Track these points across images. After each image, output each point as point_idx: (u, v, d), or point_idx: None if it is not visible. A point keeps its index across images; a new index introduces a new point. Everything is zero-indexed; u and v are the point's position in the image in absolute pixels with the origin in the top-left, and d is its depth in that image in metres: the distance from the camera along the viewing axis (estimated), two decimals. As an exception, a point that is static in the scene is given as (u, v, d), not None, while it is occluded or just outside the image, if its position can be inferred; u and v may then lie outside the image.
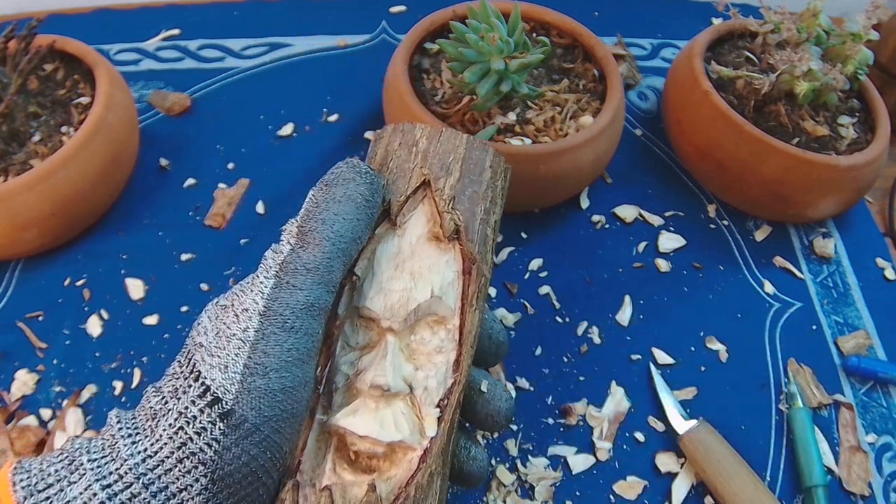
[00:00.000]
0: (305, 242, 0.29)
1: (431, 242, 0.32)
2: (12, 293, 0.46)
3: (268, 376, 0.26)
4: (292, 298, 0.27)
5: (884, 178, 0.58)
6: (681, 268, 0.51)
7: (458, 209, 0.33)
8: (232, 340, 0.27)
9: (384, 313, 0.30)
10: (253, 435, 0.25)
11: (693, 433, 0.42)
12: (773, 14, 0.52)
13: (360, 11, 0.66)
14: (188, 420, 0.25)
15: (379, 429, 0.29)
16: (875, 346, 0.49)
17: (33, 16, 0.47)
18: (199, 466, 0.25)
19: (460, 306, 0.32)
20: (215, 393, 0.25)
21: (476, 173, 0.34)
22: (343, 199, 0.30)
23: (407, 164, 0.33)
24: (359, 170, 0.31)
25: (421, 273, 0.31)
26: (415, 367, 0.31)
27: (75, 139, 0.44)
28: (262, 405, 0.26)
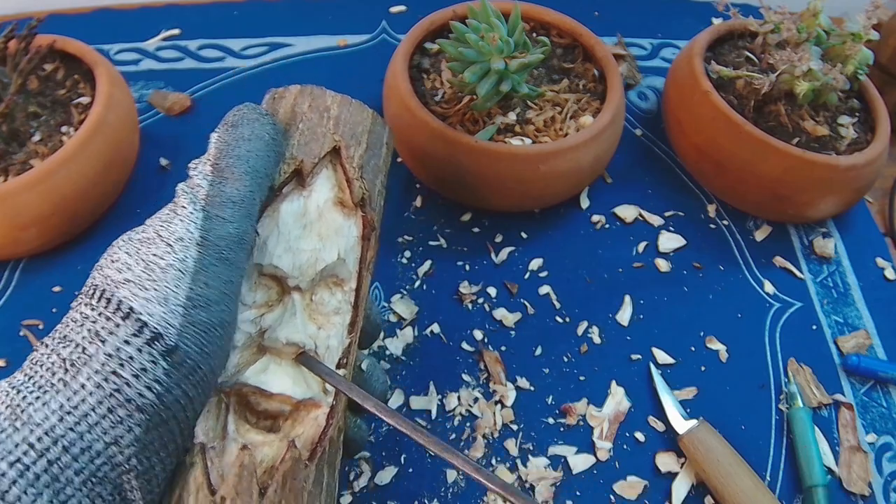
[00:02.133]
0: (224, 178, 0.28)
1: (337, 207, 0.33)
2: (12, 293, 0.46)
3: (209, 308, 0.25)
4: (224, 230, 0.26)
5: (884, 178, 0.58)
6: (681, 268, 0.51)
7: (365, 179, 0.34)
8: (168, 272, 0.24)
9: (293, 272, 0.31)
10: (194, 373, 0.24)
11: (693, 433, 0.42)
12: (773, 14, 0.52)
13: (360, 11, 0.66)
14: (122, 362, 0.22)
15: (292, 386, 0.29)
16: (875, 346, 0.49)
17: (33, 16, 0.47)
18: (134, 414, 0.22)
19: (358, 270, 0.33)
20: (156, 328, 0.23)
21: (377, 147, 0.36)
22: (252, 137, 0.30)
23: (319, 128, 0.34)
24: (260, 111, 0.32)
25: (328, 235, 0.32)
26: (317, 327, 0.31)
27: (75, 139, 0.44)
28: (203, 340, 0.24)
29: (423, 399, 0.44)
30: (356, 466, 0.41)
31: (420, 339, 0.46)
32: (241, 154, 0.29)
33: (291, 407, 0.29)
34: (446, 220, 0.52)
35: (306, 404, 0.29)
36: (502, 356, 0.46)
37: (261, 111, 0.32)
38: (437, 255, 0.50)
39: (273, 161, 0.31)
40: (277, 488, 0.26)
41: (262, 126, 0.31)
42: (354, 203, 0.34)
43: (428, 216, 0.52)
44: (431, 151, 0.47)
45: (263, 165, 0.30)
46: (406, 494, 0.40)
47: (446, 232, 0.51)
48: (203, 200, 0.27)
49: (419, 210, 0.52)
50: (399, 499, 0.40)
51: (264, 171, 0.30)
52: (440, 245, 0.51)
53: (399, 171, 0.54)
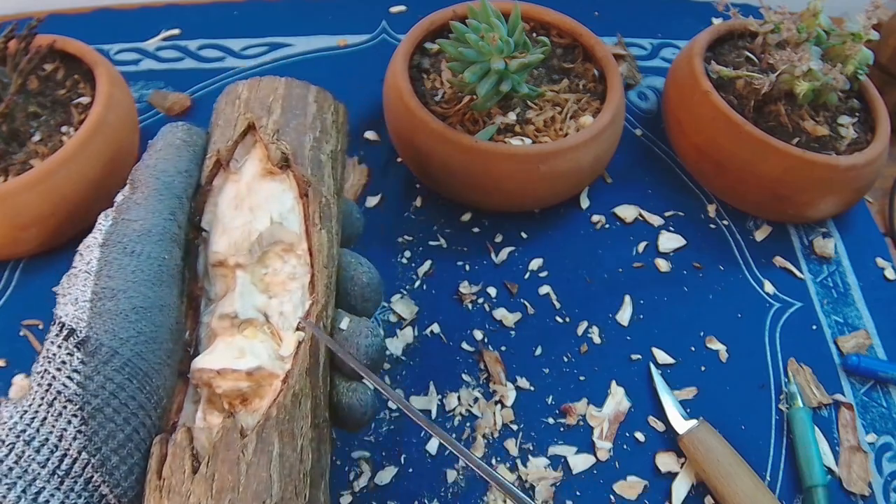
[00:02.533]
0: (135, 189, 0.31)
1: (266, 177, 0.33)
2: (12, 293, 0.46)
3: (116, 298, 0.27)
4: (128, 228, 0.29)
5: (884, 178, 0.58)
6: (681, 268, 0.51)
7: (283, 140, 0.34)
8: (79, 276, 0.28)
9: (229, 251, 0.31)
10: (113, 359, 0.25)
11: (693, 433, 0.42)
12: (773, 14, 0.52)
13: (360, 11, 0.66)
14: (49, 359, 0.25)
15: (234, 358, 0.29)
16: (875, 346, 0.49)
17: (33, 16, 0.47)
18: (67, 405, 0.24)
19: (305, 229, 0.32)
20: (70, 325, 0.26)
21: (299, 108, 0.36)
22: (163, 146, 0.33)
23: (232, 115, 0.35)
24: (175, 125, 0.35)
25: (259, 205, 0.32)
26: (269, 297, 0.31)
27: (75, 139, 0.44)
28: (115, 327, 0.26)
29: (423, 399, 0.44)
30: (356, 466, 0.41)
31: (420, 339, 0.46)
32: (149, 163, 0.32)
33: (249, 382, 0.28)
34: (446, 220, 0.52)
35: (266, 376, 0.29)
36: (502, 356, 0.46)
37: (176, 124, 0.35)
38: (437, 255, 0.50)
39: (186, 159, 0.33)
40: (209, 461, 0.25)
41: (173, 134, 0.34)
42: (276, 164, 0.33)
43: (428, 216, 0.52)
44: (431, 151, 0.47)
45: (173, 165, 0.32)
46: (406, 494, 0.40)
47: (446, 232, 0.51)
48: (114, 212, 0.30)
49: (419, 210, 0.52)
50: (399, 499, 0.40)
51: (174, 170, 0.32)
52: (440, 245, 0.51)
53: (399, 171, 0.54)
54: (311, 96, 0.37)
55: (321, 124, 0.36)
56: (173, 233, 0.30)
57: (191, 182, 0.33)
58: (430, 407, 0.43)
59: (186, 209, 0.32)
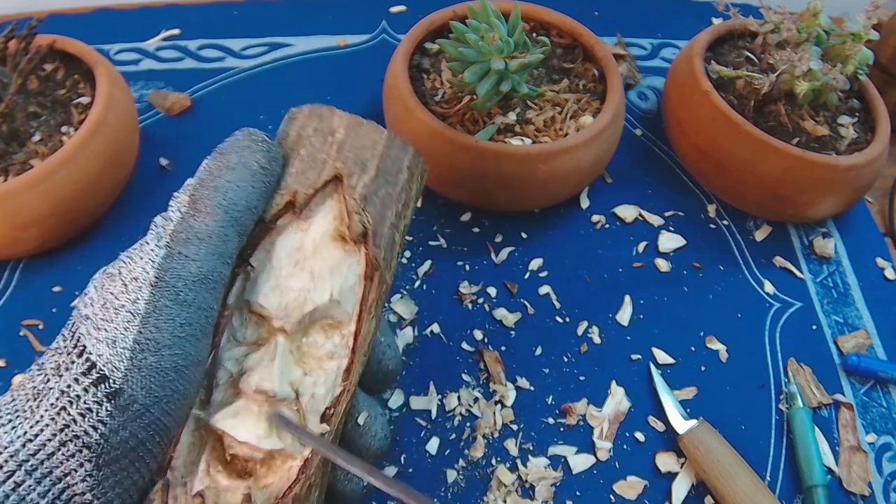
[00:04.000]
0: (197, 210, 0.27)
1: (336, 242, 0.30)
2: (12, 293, 0.46)
3: (160, 353, 0.24)
4: (185, 269, 0.25)
5: (884, 178, 0.58)
6: (681, 268, 0.51)
7: (368, 210, 0.31)
8: (120, 312, 0.24)
9: (278, 312, 0.29)
10: (142, 417, 0.24)
11: (693, 433, 0.42)
12: (773, 14, 0.52)
13: (360, 11, 0.66)
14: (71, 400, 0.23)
15: (259, 435, 0.27)
16: (875, 346, 0.49)
17: (33, 16, 0.47)
18: (83, 450, 0.23)
19: (358, 312, 0.30)
20: (102, 370, 0.23)
21: (392, 173, 0.32)
22: (237, 166, 0.28)
23: (320, 154, 0.31)
24: (254, 137, 0.30)
25: (321, 274, 0.30)
26: (303, 372, 0.29)
27: (75, 139, 0.44)
28: (152, 384, 0.24)
29: (423, 399, 0.44)
30: (356, 466, 0.41)
31: (420, 339, 0.46)
32: (219, 185, 0.28)
33: (264, 454, 0.27)
34: (446, 220, 0.52)
35: (282, 454, 0.28)
36: (502, 356, 0.46)
37: (255, 137, 0.30)
38: (437, 255, 0.50)
39: (259, 192, 0.29)
40: None
41: (252, 153, 0.29)
42: (353, 238, 0.30)
43: (428, 216, 0.52)
44: (431, 151, 0.47)
45: (245, 197, 0.28)
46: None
47: (446, 232, 0.51)
48: (168, 236, 0.26)
49: (419, 210, 0.52)
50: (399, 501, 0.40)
51: (245, 204, 0.28)
52: (440, 245, 0.51)
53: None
54: (407, 160, 0.33)
55: (405, 196, 0.32)
56: (227, 278, 0.27)
57: (255, 219, 0.29)
58: (431, 407, 0.43)
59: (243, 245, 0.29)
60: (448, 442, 0.42)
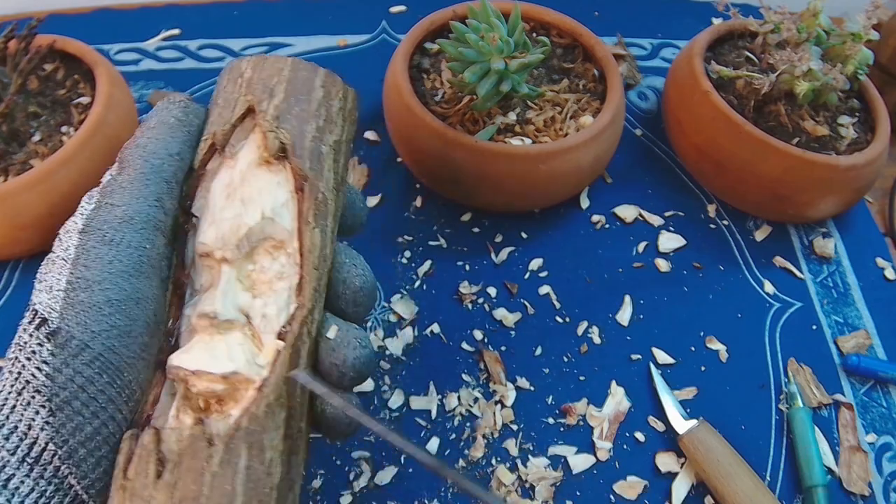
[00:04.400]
0: (122, 169, 0.29)
1: (262, 167, 0.31)
2: (12, 293, 0.46)
3: (90, 289, 0.26)
4: (110, 214, 0.28)
5: (884, 178, 0.58)
6: (681, 268, 0.51)
7: (284, 128, 0.32)
8: (56, 263, 0.27)
9: (216, 243, 0.29)
10: (83, 353, 0.25)
11: (693, 433, 0.42)
12: (773, 14, 0.52)
13: (360, 11, 0.66)
14: (21, 346, 0.25)
15: (209, 360, 0.27)
16: (875, 346, 0.49)
17: (33, 16, 0.47)
18: (35, 395, 0.24)
19: (297, 226, 0.30)
20: (42, 314, 0.25)
21: (304, 93, 0.33)
22: (156, 125, 0.31)
23: (233, 95, 0.33)
24: (171, 99, 0.32)
25: (251, 197, 0.30)
26: (252, 296, 0.29)
27: (75, 139, 0.44)
28: (87, 319, 0.25)
29: (423, 399, 0.44)
30: (356, 466, 0.41)
31: (420, 339, 0.46)
32: (140, 142, 0.30)
33: (224, 385, 0.27)
34: (446, 220, 0.52)
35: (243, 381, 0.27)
36: (502, 356, 0.46)
37: (172, 99, 0.32)
38: (437, 255, 0.50)
39: (180, 141, 0.31)
40: (173, 468, 0.25)
41: (169, 112, 0.32)
42: (273, 155, 0.31)
43: (428, 216, 0.52)
44: (431, 151, 0.47)
45: (164, 147, 0.30)
46: (406, 494, 0.40)
47: (446, 232, 0.51)
48: (98, 193, 0.29)
49: (419, 210, 0.52)
50: (399, 499, 0.40)
51: (164, 152, 0.30)
52: (440, 245, 0.51)
53: (399, 171, 0.54)
54: (319, 80, 0.34)
55: (326, 112, 0.34)
56: (158, 220, 0.29)
57: (182, 165, 0.31)
58: (431, 407, 0.43)
59: (176, 194, 0.30)
60: (448, 442, 0.42)
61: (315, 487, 0.40)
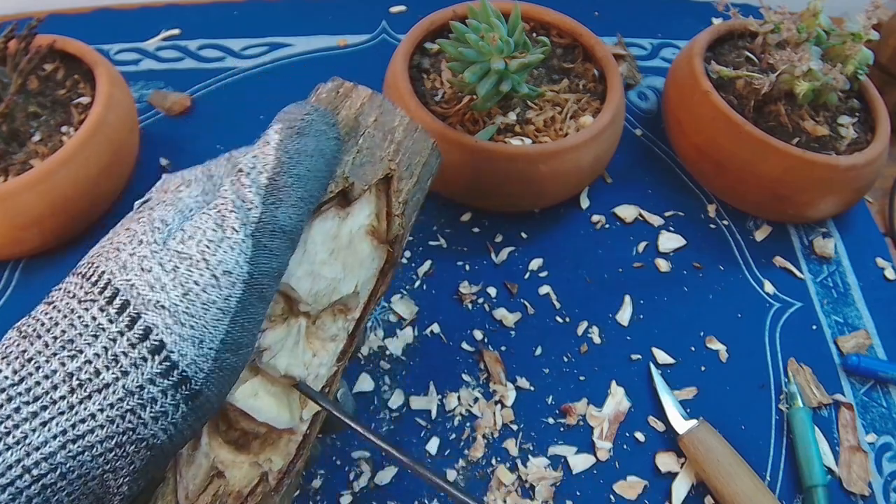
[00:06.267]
0: (280, 200, 0.25)
1: (369, 236, 0.32)
2: (12, 293, 0.46)
3: (239, 353, 0.23)
4: (268, 266, 0.24)
5: (884, 178, 0.58)
6: (681, 268, 0.51)
7: (405, 215, 0.32)
8: (210, 309, 0.22)
9: (307, 298, 0.29)
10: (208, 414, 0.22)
11: (693, 433, 0.42)
12: (773, 14, 0.52)
13: (360, 11, 0.66)
14: (142, 403, 0.20)
15: (277, 416, 0.28)
16: (875, 346, 0.49)
17: (33, 16, 0.47)
18: (141, 451, 0.21)
19: (366, 302, 0.32)
20: (185, 371, 0.21)
21: (425, 181, 0.34)
22: (315, 153, 0.27)
23: (378, 151, 0.32)
24: (328, 121, 0.28)
25: (352, 267, 0.31)
26: (312, 353, 0.30)
27: (75, 139, 0.44)
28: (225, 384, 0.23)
29: (423, 399, 0.44)
30: (356, 466, 0.41)
31: (420, 339, 0.46)
32: (301, 173, 0.26)
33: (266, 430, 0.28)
34: (446, 220, 0.52)
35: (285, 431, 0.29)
36: (502, 356, 0.46)
37: (329, 121, 0.28)
38: (437, 255, 0.50)
39: (326, 182, 0.28)
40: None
41: (328, 141, 0.28)
42: (388, 239, 0.32)
43: (428, 216, 0.52)
44: (431, 151, 0.47)
45: (318, 188, 0.26)
46: (406, 494, 0.40)
47: (446, 232, 0.51)
48: (254, 224, 0.24)
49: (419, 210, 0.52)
50: (399, 499, 0.40)
51: (317, 196, 0.26)
52: (440, 245, 0.51)
53: (399, 171, 0.54)
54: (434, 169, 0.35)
55: (422, 197, 0.34)
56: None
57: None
58: (431, 407, 0.43)
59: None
60: (448, 442, 0.42)
61: (315, 487, 0.40)
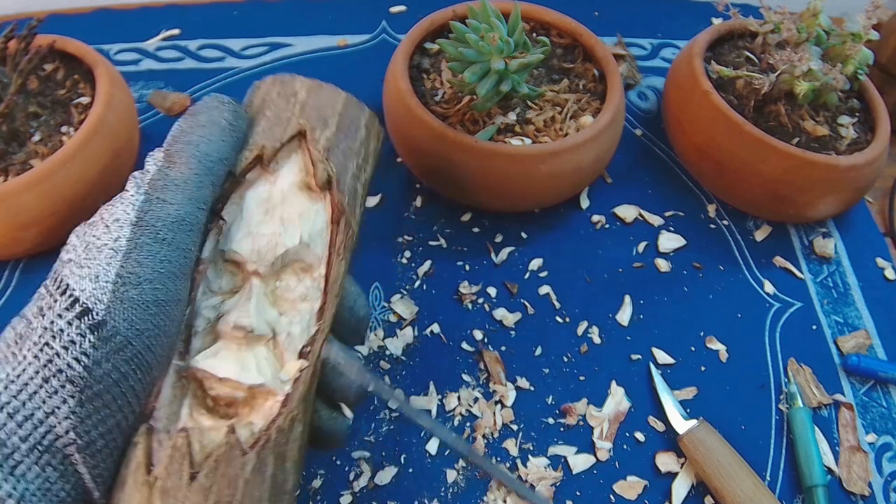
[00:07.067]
0: (172, 162, 0.29)
1: (303, 191, 0.33)
2: (12, 293, 0.46)
3: (141, 286, 0.25)
4: (163, 211, 0.27)
5: (884, 178, 0.58)
6: (681, 268, 0.51)
7: (331, 160, 0.33)
8: (103, 251, 0.26)
9: (251, 256, 0.30)
10: (124, 349, 0.24)
11: (693, 433, 0.42)
12: (773, 14, 0.52)
13: (360, 11, 0.66)
14: (54, 334, 0.24)
15: (240, 371, 0.28)
16: (875, 346, 0.49)
17: (33, 16, 0.47)
18: (66, 385, 0.23)
19: (327, 255, 0.32)
20: (85, 303, 0.24)
21: (352, 130, 0.35)
22: (207, 123, 0.31)
23: (285, 113, 0.34)
24: (221, 99, 0.32)
25: (291, 219, 0.31)
26: (279, 313, 0.31)
27: (75, 139, 0.44)
28: (134, 317, 0.25)
29: (423, 399, 0.44)
30: (356, 466, 0.41)
31: (420, 339, 0.46)
32: (192, 140, 0.30)
33: (245, 393, 0.28)
34: (446, 220, 0.52)
35: (263, 392, 0.29)
36: (502, 356, 0.46)
37: (223, 100, 0.32)
38: (437, 255, 0.50)
39: (229, 146, 0.31)
40: (209, 472, 0.26)
41: (220, 112, 0.31)
42: (319, 185, 0.32)
43: (428, 216, 0.52)
44: (431, 151, 0.47)
45: (216, 150, 0.30)
46: (406, 494, 0.40)
47: (446, 232, 0.51)
48: (147, 184, 0.28)
49: (419, 210, 0.52)
50: (399, 499, 0.40)
51: (217, 156, 0.30)
52: (440, 245, 0.51)
53: (399, 171, 0.54)
54: (364, 119, 0.36)
55: (365, 151, 0.35)
56: (202, 223, 0.29)
57: (227, 170, 0.31)
58: (431, 407, 0.43)
59: (216, 198, 0.30)
60: (448, 442, 0.42)
61: (315, 487, 0.40)
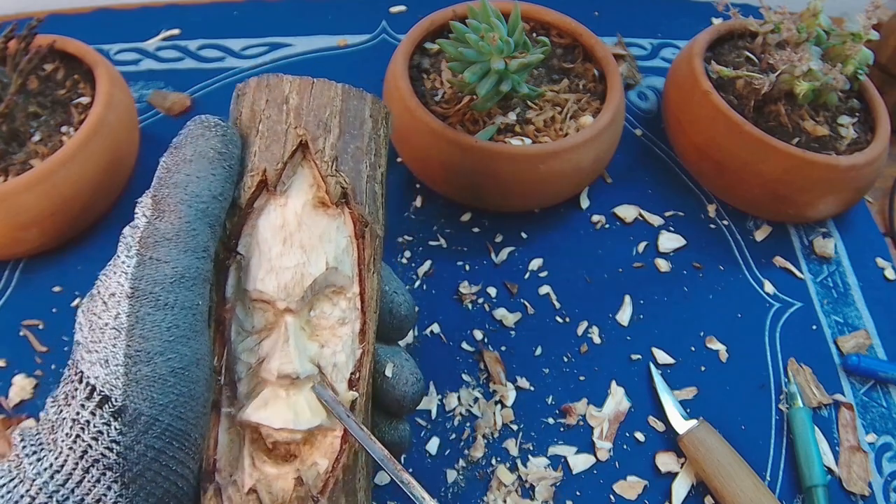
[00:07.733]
0: (161, 212, 0.27)
1: (318, 209, 0.30)
2: (12, 293, 0.46)
3: (153, 362, 0.24)
4: (159, 273, 0.25)
5: (884, 178, 0.58)
6: (681, 268, 0.51)
7: (342, 171, 0.30)
8: (105, 331, 0.25)
9: (279, 294, 0.28)
10: (153, 427, 0.24)
11: (693, 433, 0.42)
12: (773, 14, 0.52)
13: (360, 11, 0.66)
14: (82, 426, 0.23)
15: (294, 417, 0.27)
16: (875, 346, 0.49)
17: (33, 16, 0.47)
18: (106, 472, 0.23)
19: (357, 272, 0.30)
20: (101, 391, 0.24)
21: (356, 126, 0.31)
22: (194, 157, 0.28)
23: (279, 126, 0.30)
24: (206, 124, 0.29)
25: (312, 245, 0.29)
26: (320, 345, 0.29)
27: (75, 139, 0.44)
28: (154, 394, 0.24)
29: (423, 399, 0.44)
30: (356, 466, 0.41)
31: (420, 339, 0.46)
32: (178, 181, 0.27)
33: (303, 435, 0.28)
34: (446, 220, 0.52)
35: (320, 429, 0.28)
36: (502, 356, 0.46)
37: (208, 123, 0.29)
38: (437, 255, 0.50)
39: (222, 178, 0.28)
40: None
41: (206, 141, 0.28)
42: (334, 201, 0.30)
43: (428, 216, 0.52)
44: (431, 151, 0.47)
45: (207, 187, 0.27)
46: (406, 494, 0.40)
47: (446, 232, 0.51)
48: (137, 244, 0.26)
49: (419, 210, 0.52)
50: (399, 499, 0.40)
51: (209, 194, 0.27)
52: (440, 245, 0.51)
53: (399, 171, 0.54)
54: (368, 109, 0.32)
55: (375, 145, 0.32)
56: (207, 272, 0.27)
57: (226, 206, 0.28)
58: (431, 407, 0.43)
59: (219, 237, 0.28)
60: (448, 442, 0.42)
61: (315, 487, 0.40)
